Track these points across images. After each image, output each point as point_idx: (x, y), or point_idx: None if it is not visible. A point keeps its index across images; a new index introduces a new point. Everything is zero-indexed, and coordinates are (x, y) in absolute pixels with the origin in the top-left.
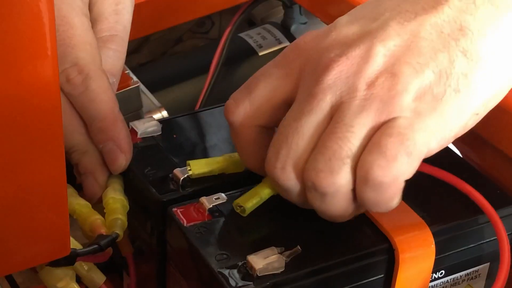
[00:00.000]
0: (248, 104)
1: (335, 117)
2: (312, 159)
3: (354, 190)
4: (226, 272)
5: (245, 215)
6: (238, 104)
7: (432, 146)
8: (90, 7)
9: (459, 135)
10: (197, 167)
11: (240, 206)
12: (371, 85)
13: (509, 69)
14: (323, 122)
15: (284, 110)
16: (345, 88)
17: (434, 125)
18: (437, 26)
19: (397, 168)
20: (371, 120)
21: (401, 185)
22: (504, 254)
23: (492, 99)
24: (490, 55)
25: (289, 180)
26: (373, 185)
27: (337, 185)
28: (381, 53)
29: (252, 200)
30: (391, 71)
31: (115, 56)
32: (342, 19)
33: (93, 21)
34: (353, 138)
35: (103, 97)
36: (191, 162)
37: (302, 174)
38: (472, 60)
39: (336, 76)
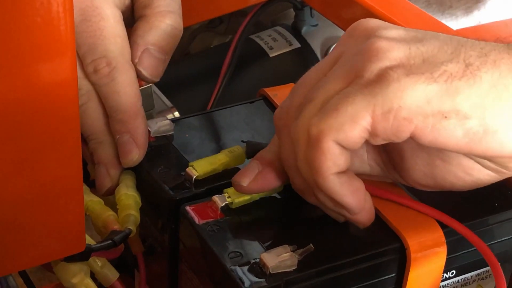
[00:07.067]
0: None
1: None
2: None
3: None
4: (239, 269)
5: (232, 207)
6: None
7: (371, 116)
8: None
9: (417, 133)
10: (201, 167)
11: (230, 197)
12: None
13: None
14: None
15: None
16: (353, 40)
17: (384, 94)
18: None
19: (323, 123)
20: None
21: (329, 144)
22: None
23: None
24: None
25: None
26: (303, 138)
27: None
28: (396, 33)
29: (243, 196)
30: (387, 44)
31: (170, 32)
32: None
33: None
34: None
35: (127, 90)
36: (194, 163)
37: None
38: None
39: (355, 28)
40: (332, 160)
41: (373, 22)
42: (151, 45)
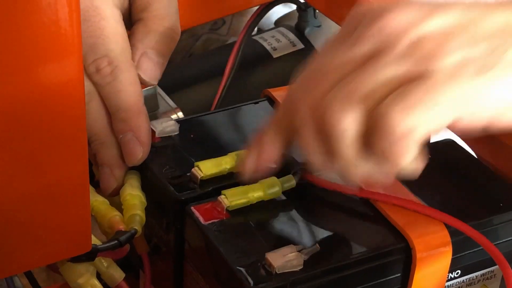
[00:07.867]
0: None
1: (366, 63)
2: (328, 97)
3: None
4: (244, 269)
5: (229, 209)
6: None
7: (458, 115)
8: None
9: (492, 123)
10: (207, 168)
11: (227, 199)
12: (413, 45)
13: None
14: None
15: None
16: (387, 40)
17: (468, 94)
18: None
19: (414, 119)
20: (401, 73)
21: (414, 140)
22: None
23: None
24: None
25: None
26: (385, 132)
27: (343, 125)
28: (438, 23)
29: (240, 199)
30: (439, 41)
31: (168, 36)
32: None
33: (146, 3)
34: (374, 80)
35: (129, 89)
36: (200, 163)
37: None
38: None
39: (385, 24)
40: (414, 153)
41: (404, 18)
42: (149, 49)
